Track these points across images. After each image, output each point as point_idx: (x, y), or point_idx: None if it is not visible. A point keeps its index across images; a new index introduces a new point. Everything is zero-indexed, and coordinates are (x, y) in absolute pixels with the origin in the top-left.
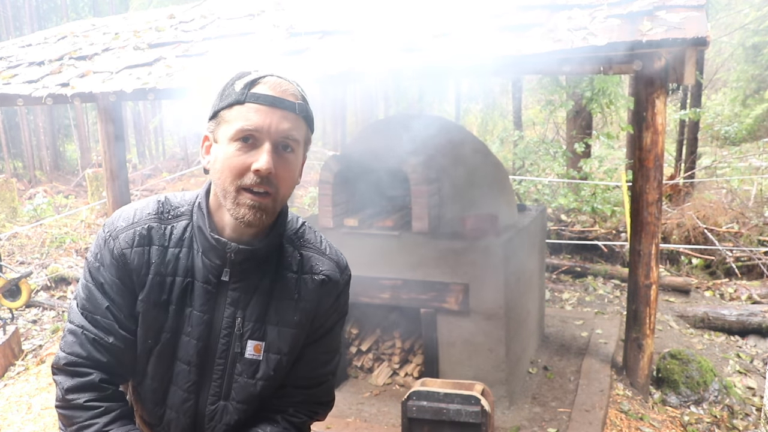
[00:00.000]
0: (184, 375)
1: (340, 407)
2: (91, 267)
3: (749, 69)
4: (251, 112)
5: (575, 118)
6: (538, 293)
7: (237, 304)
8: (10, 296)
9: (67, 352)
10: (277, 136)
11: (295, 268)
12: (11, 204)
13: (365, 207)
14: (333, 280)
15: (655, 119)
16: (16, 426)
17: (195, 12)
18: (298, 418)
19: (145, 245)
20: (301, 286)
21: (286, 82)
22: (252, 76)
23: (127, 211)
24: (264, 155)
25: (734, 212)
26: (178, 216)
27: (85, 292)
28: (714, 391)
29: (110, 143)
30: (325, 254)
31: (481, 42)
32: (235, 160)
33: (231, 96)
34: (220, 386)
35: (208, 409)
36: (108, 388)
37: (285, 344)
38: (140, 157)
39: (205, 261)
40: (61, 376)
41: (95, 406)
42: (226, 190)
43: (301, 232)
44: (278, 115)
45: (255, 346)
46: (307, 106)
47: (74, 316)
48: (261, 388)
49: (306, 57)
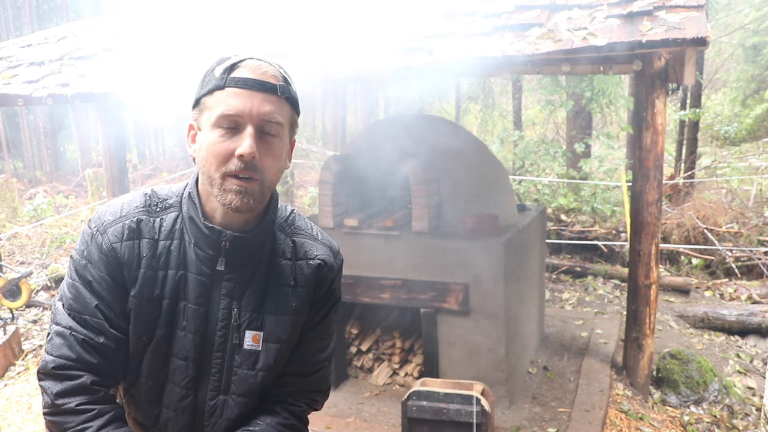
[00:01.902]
0: (181, 371)
1: (340, 407)
2: (77, 265)
3: (749, 69)
4: (231, 96)
5: (575, 118)
6: (538, 293)
7: (232, 295)
8: (11, 296)
9: (55, 355)
10: (259, 119)
11: (289, 255)
12: (11, 204)
13: (365, 207)
14: (328, 265)
15: (655, 119)
16: (16, 426)
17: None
18: (297, 407)
19: (135, 239)
20: (297, 273)
21: (266, 64)
22: (231, 61)
23: (113, 206)
24: (246, 139)
25: (734, 212)
26: (166, 208)
27: (72, 291)
28: (714, 391)
29: (110, 143)
30: (318, 239)
31: (481, 42)
32: (219, 146)
33: (211, 82)
34: (219, 380)
35: (208, 404)
36: (100, 391)
37: (284, 332)
38: (140, 157)
39: (198, 252)
40: (49, 381)
41: (87, 410)
42: (212, 177)
43: (291, 219)
44: (259, 98)
45: (253, 336)
46: (290, 87)
47: (60, 318)
48: (261, 379)
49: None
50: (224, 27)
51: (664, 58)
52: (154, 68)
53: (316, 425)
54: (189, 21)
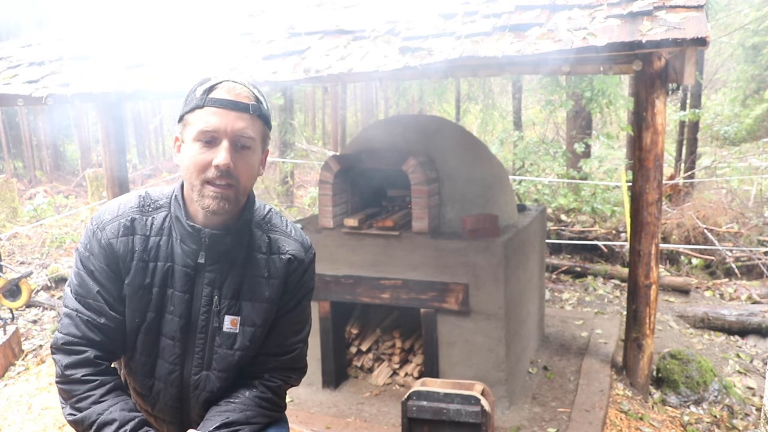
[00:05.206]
0: (170, 349)
1: (340, 407)
2: (82, 256)
3: (749, 69)
4: (209, 114)
5: (575, 118)
6: (538, 293)
7: (213, 284)
8: (11, 296)
9: (64, 333)
10: (233, 134)
11: (264, 250)
12: (11, 204)
13: (365, 207)
14: (298, 259)
15: (655, 119)
16: (17, 426)
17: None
18: (273, 382)
19: (129, 235)
20: (271, 265)
21: (240, 86)
22: (210, 83)
23: (111, 206)
24: (222, 152)
25: (734, 212)
26: (157, 208)
27: (78, 279)
28: (714, 391)
29: (110, 143)
30: (290, 236)
31: (481, 42)
32: (199, 157)
33: (193, 101)
34: (202, 358)
35: (193, 378)
36: (102, 364)
37: (258, 317)
38: (140, 157)
39: (183, 247)
40: (60, 355)
41: (91, 380)
42: (193, 183)
43: (268, 217)
44: (233, 116)
45: (232, 320)
46: (261, 106)
47: (69, 301)
48: (239, 357)
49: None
50: (223, 28)
51: (664, 58)
52: (154, 69)
53: (316, 425)
54: (188, 22)
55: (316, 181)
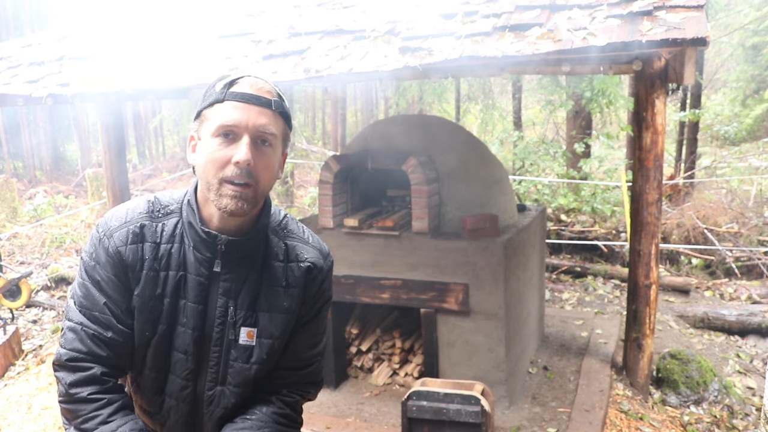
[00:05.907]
0: (182, 363)
1: (340, 407)
2: (87, 266)
3: (749, 69)
4: (230, 109)
5: (575, 118)
6: (538, 293)
7: (229, 294)
8: (11, 296)
9: (68, 348)
10: (255, 130)
11: (282, 257)
12: (11, 204)
13: (365, 207)
14: (318, 267)
15: (655, 119)
16: (17, 426)
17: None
18: (291, 397)
19: (139, 242)
20: (288, 274)
21: (263, 81)
22: (231, 77)
23: (119, 211)
24: (243, 148)
25: (734, 212)
26: (168, 214)
27: (82, 290)
28: (714, 391)
29: (110, 143)
30: (309, 243)
31: (481, 42)
32: (217, 153)
33: (212, 96)
34: (216, 372)
35: (206, 394)
36: (109, 381)
37: (276, 329)
38: (140, 157)
39: (196, 254)
40: (63, 372)
41: (98, 399)
42: (210, 182)
43: (284, 223)
44: (255, 111)
45: (248, 332)
46: (283, 103)
47: (72, 314)
48: (255, 371)
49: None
50: (224, 27)
51: (664, 58)
52: (154, 68)
53: (316, 425)
54: (189, 21)
55: (316, 181)
